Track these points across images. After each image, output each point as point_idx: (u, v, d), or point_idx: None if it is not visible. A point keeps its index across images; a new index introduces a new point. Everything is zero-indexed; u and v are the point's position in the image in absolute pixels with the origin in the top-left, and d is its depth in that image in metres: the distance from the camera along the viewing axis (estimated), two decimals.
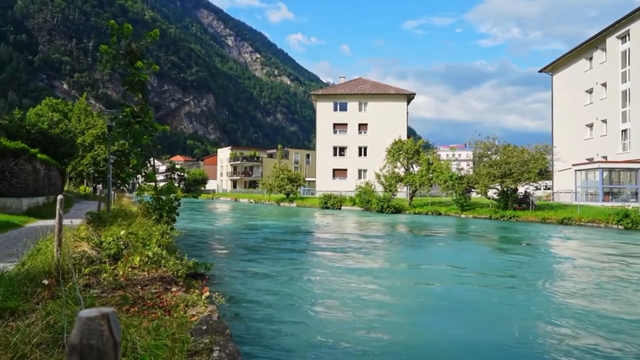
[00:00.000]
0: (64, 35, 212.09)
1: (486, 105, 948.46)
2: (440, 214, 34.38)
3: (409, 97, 53.79)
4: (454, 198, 34.49)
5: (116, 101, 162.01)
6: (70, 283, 5.06)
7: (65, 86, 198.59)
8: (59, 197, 6.66)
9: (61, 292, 4.58)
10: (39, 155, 19.87)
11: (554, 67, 43.39)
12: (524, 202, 30.58)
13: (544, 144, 31.51)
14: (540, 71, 45.20)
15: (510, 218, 28.65)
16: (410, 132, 64.11)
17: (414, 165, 39.25)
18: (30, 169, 17.91)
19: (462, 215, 32.56)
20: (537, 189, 32.43)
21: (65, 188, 41.56)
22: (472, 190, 34.09)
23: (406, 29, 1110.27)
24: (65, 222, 7.13)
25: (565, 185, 36.41)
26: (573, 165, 33.89)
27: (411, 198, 39.33)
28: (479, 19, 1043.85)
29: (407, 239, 19.22)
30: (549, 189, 42.13)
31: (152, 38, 12.87)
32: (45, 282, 5.11)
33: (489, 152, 32.67)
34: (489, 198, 32.39)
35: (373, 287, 9.05)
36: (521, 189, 31.12)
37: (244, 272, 10.28)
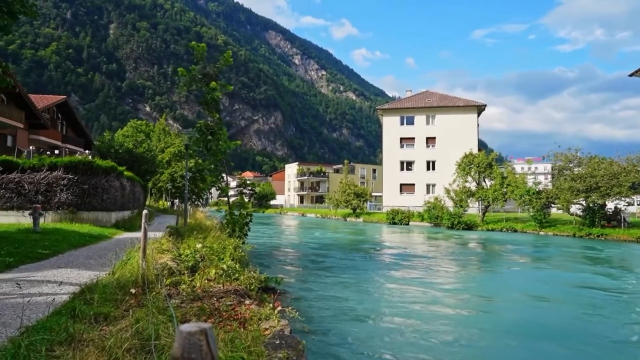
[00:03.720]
0: (147, 63, 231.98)
1: (566, 114, 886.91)
2: (516, 230, 32.38)
3: (480, 109, 51.67)
4: (532, 214, 32.34)
5: (192, 121, 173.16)
6: (154, 292, 5.38)
7: (147, 108, 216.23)
8: (144, 212, 7.16)
9: (146, 301, 4.88)
10: (125, 173, 21.55)
11: None
12: (614, 219, 27.88)
13: (637, 155, 28.64)
14: (631, 75, 41.16)
15: (598, 236, 26.24)
16: (482, 145, 61.37)
17: (486, 180, 37.47)
18: (118, 186, 19.50)
19: (541, 233, 30.38)
20: (630, 204, 29.43)
21: (147, 203, 44.75)
22: (552, 205, 31.73)
23: (474, 38, 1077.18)
24: (149, 234, 7.64)
25: None
26: None
27: (484, 214, 37.48)
28: (556, 22, 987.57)
29: (483, 258, 18.26)
30: None
31: (225, 61, 13.73)
32: (133, 290, 5.49)
33: (571, 165, 30.39)
34: (571, 214, 29.96)
35: (450, 311, 8.66)
36: (610, 205, 28.43)
37: (314, 288, 10.32)
